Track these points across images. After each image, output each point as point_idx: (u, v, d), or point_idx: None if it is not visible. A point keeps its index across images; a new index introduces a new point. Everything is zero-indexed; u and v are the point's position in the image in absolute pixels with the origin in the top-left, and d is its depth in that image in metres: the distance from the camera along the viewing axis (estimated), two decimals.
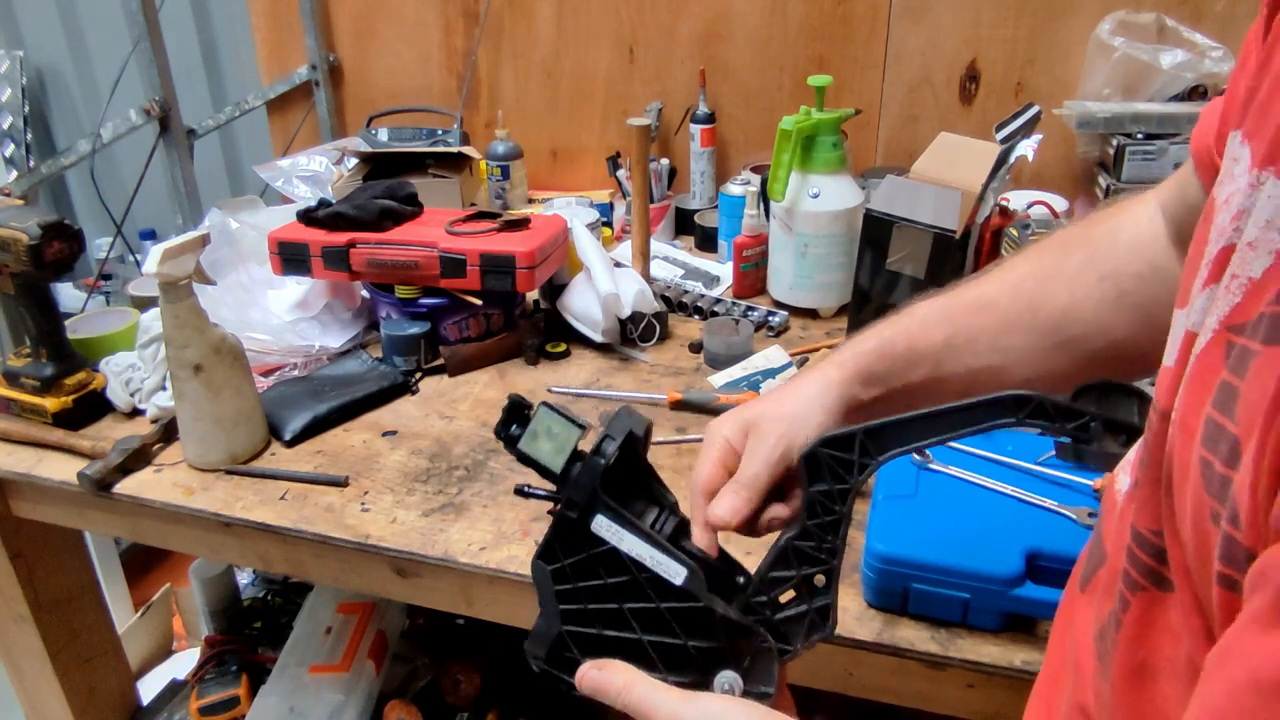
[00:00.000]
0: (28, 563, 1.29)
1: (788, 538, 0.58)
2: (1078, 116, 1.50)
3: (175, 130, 1.76)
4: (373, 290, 1.37)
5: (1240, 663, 0.31)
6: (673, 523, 0.61)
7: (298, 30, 1.99)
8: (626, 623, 0.57)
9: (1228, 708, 0.31)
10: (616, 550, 0.57)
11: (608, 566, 0.57)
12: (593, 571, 0.57)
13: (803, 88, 1.67)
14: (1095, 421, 0.59)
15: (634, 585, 0.57)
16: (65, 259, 1.14)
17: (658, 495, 0.62)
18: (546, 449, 0.58)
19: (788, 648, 0.57)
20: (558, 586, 0.58)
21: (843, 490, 0.58)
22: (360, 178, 1.70)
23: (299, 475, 1.09)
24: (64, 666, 1.37)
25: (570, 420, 0.59)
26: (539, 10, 1.85)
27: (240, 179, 2.59)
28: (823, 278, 1.40)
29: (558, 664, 0.58)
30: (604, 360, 1.34)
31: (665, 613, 0.57)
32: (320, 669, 1.47)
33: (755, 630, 0.56)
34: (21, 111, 2.52)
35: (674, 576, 0.56)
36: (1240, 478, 0.32)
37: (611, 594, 0.57)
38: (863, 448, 0.57)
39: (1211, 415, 0.35)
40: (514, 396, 0.59)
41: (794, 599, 0.58)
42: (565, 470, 0.58)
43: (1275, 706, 0.29)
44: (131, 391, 1.21)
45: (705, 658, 0.56)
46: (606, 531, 0.57)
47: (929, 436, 0.58)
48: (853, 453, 0.57)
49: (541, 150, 1.96)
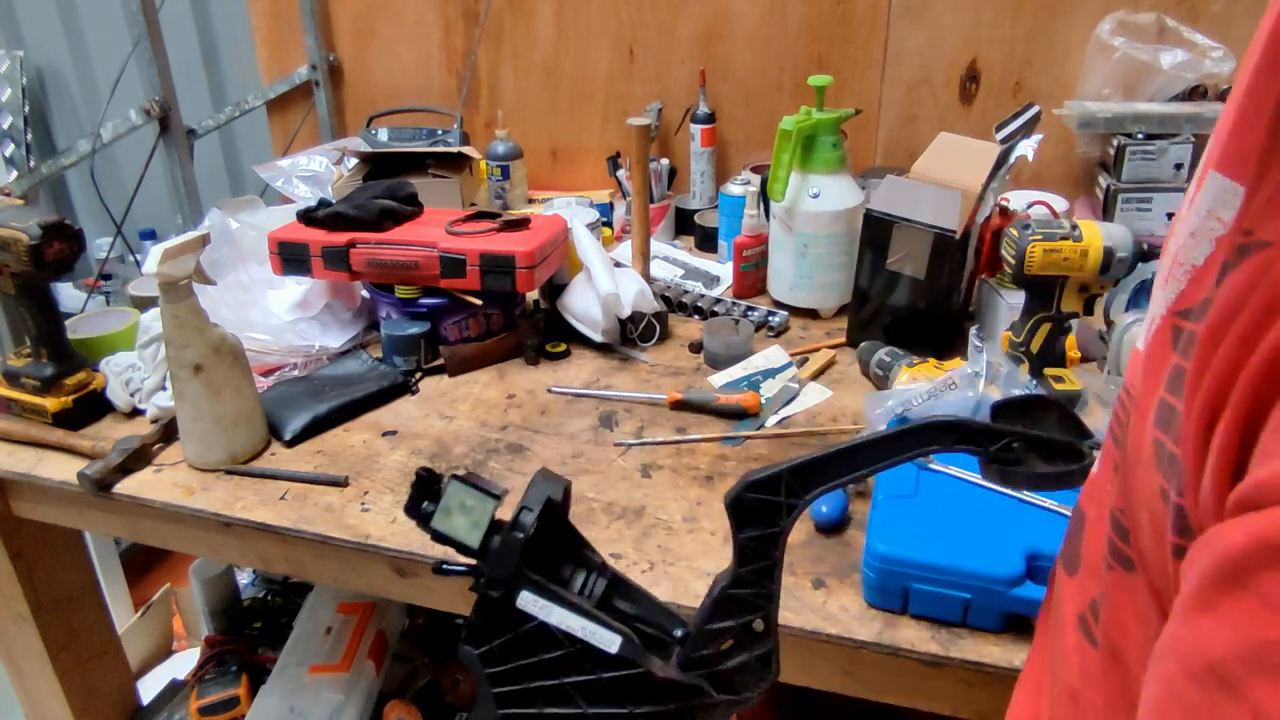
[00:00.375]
0: (28, 563, 1.29)
1: (721, 587, 0.56)
2: (1078, 116, 1.50)
3: (175, 130, 1.76)
4: (373, 290, 1.37)
5: (1172, 652, 0.31)
6: (602, 584, 0.59)
7: (298, 30, 1.99)
8: (569, 698, 0.55)
9: (1167, 702, 0.31)
10: (546, 625, 0.55)
11: (540, 642, 0.55)
12: (525, 649, 0.55)
13: (803, 88, 1.67)
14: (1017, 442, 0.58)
15: (570, 658, 0.55)
16: (65, 259, 1.14)
17: (584, 558, 0.60)
18: (462, 525, 0.56)
19: (734, 698, 0.56)
20: (490, 670, 0.55)
21: (773, 534, 0.55)
22: (360, 178, 1.71)
23: (299, 475, 1.09)
24: (64, 666, 1.37)
25: (484, 491, 0.56)
26: (539, 10, 1.85)
27: (240, 179, 2.59)
28: (823, 278, 1.40)
29: None
30: (604, 360, 1.34)
31: (606, 682, 0.55)
32: (320, 669, 1.47)
33: (699, 688, 0.55)
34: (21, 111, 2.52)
35: (608, 645, 0.54)
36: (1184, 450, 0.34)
37: (549, 669, 0.55)
38: (789, 488, 0.55)
39: (1164, 397, 0.36)
40: (420, 470, 0.57)
41: (734, 647, 0.56)
42: (484, 545, 0.55)
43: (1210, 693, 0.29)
44: (131, 391, 1.21)
45: None
46: (533, 607, 0.55)
47: (855, 470, 0.56)
48: (779, 495, 0.55)
49: (541, 150, 1.96)
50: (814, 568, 0.92)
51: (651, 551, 0.95)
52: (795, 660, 0.90)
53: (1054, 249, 1.18)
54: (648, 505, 1.02)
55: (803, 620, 0.86)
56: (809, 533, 0.97)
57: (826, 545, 0.95)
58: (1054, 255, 1.11)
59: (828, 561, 0.93)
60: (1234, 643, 0.29)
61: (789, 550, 0.94)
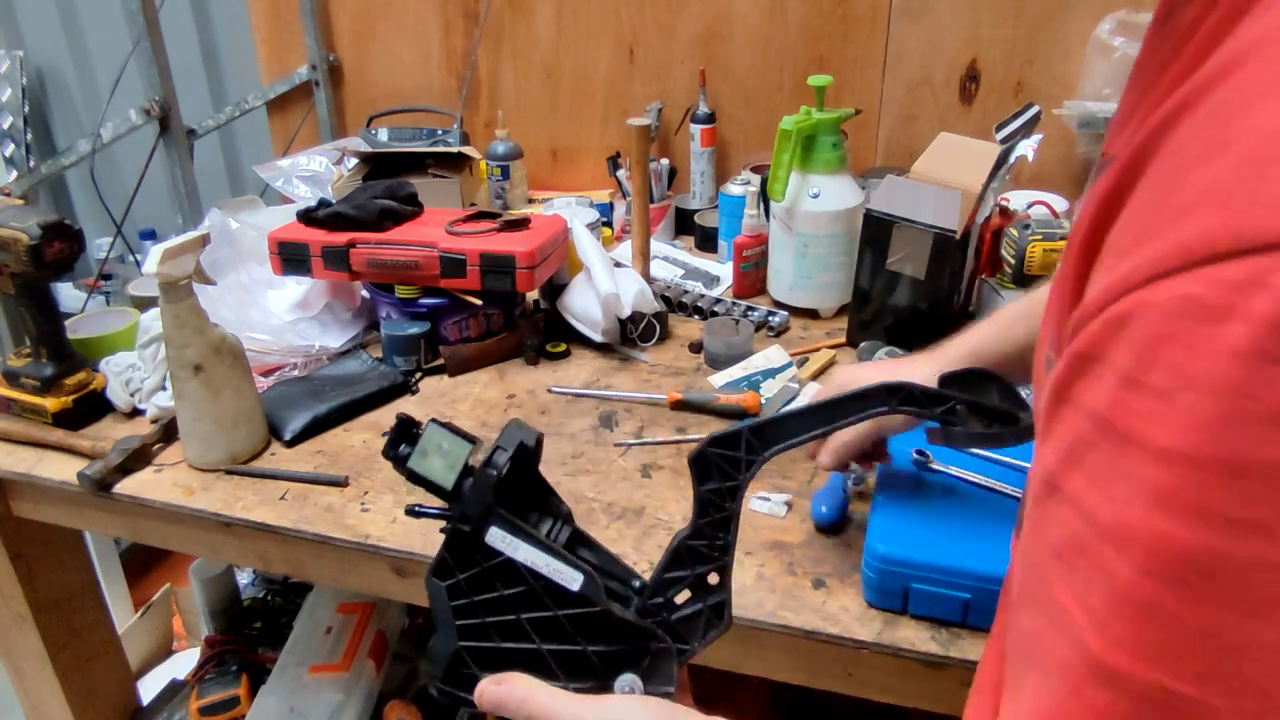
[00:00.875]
0: (28, 563, 1.29)
1: (681, 538, 0.58)
2: (1078, 116, 1.50)
3: (175, 130, 1.76)
4: (373, 290, 1.37)
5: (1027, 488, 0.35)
6: (567, 532, 0.61)
7: (298, 30, 1.99)
8: (524, 633, 0.57)
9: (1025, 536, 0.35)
10: (512, 561, 0.57)
11: (504, 578, 0.57)
12: (488, 585, 0.57)
13: (803, 88, 1.67)
14: (960, 405, 0.64)
15: (530, 595, 0.57)
16: (65, 259, 1.14)
17: (551, 507, 0.62)
18: (437, 466, 0.58)
19: (685, 647, 0.58)
20: (453, 602, 0.57)
21: (732, 487, 0.58)
22: (360, 178, 1.71)
23: (299, 475, 1.09)
24: (64, 666, 1.37)
25: (461, 435, 0.58)
26: (539, 10, 1.85)
27: (240, 179, 2.59)
28: (823, 278, 1.40)
29: (456, 682, 0.58)
30: (604, 360, 1.34)
31: (563, 620, 0.57)
32: (320, 669, 1.47)
33: (652, 632, 0.57)
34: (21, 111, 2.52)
35: (571, 582, 0.57)
36: None
37: (508, 605, 0.57)
38: (748, 445, 0.58)
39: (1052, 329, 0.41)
40: (401, 415, 0.59)
41: (690, 599, 0.59)
42: (457, 486, 0.57)
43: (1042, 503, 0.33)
44: (131, 391, 1.21)
45: (605, 662, 0.57)
46: (501, 543, 0.57)
47: (810, 430, 0.60)
48: (739, 450, 0.58)
49: (541, 150, 1.96)
50: (814, 568, 0.92)
51: (651, 551, 0.95)
52: (795, 660, 0.90)
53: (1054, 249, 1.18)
54: (648, 505, 1.02)
55: (803, 620, 0.86)
56: (809, 533, 0.97)
57: (826, 545, 0.95)
58: (1054, 255, 1.11)
59: (828, 562, 0.93)
60: (1056, 452, 0.32)
61: (789, 551, 0.94)
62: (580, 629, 0.57)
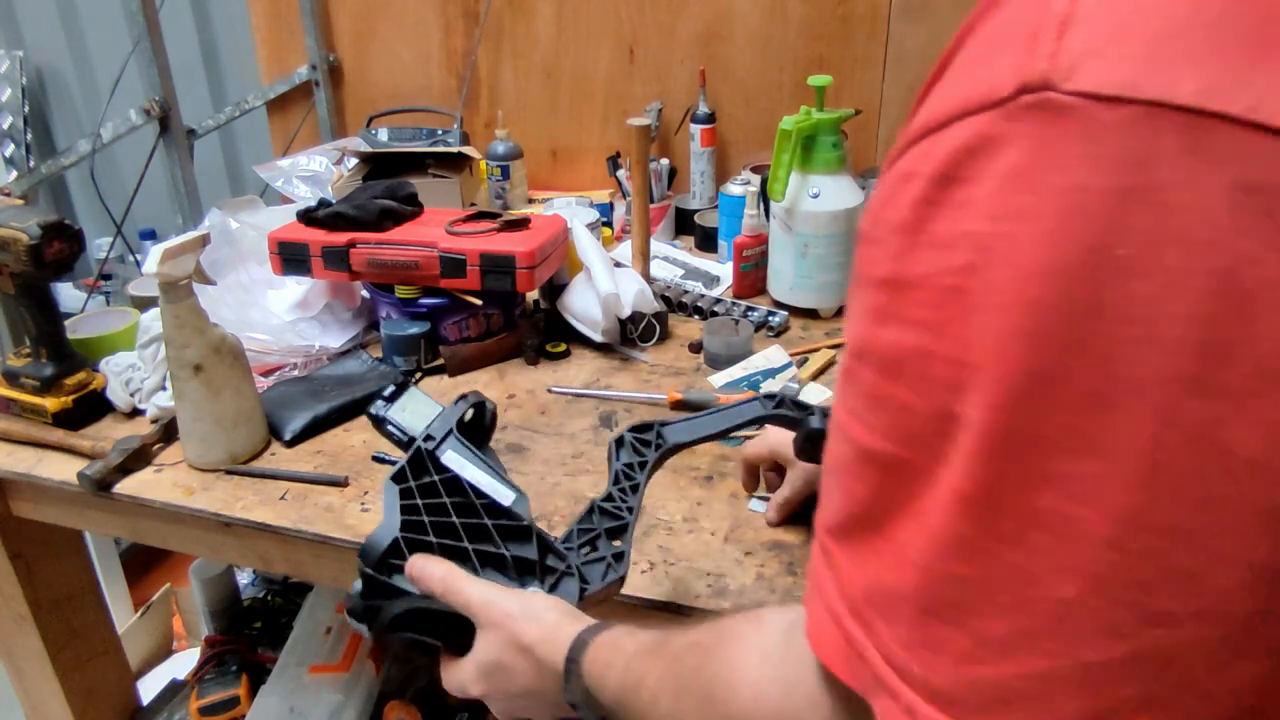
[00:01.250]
0: (28, 563, 1.29)
1: (596, 501, 0.73)
2: None
3: (175, 130, 1.76)
4: (373, 290, 1.37)
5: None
6: None
7: (298, 30, 1.99)
8: (456, 533, 0.69)
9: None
10: (459, 477, 0.70)
11: (450, 490, 0.70)
12: (434, 492, 0.70)
13: (803, 88, 1.67)
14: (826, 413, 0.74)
15: (468, 506, 0.70)
16: (65, 259, 1.14)
17: (497, 471, 0.74)
18: (409, 418, 0.76)
19: (586, 583, 0.70)
20: (402, 502, 0.69)
21: (642, 462, 0.76)
22: (360, 178, 1.71)
23: (299, 475, 1.09)
24: (64, 666, 1.37)
25: (434, 402, 0.77)
26: (539, 10, 1.85)
27: (240, 179, 2.59)
28: (823, 278, 1.40)
29: (383, 570, 0.68)
30: (604, 360, 1.34)
31: (491, 528, 0.70)
32: (320, 669, 1.47)
33: (562, 554, 0.70)
34: (21, 111, 2.52)
35: (505, 499, 0.71)
36: None
37: (447, 510, 0.70)
38: (658, 434, 0.79)
39: None
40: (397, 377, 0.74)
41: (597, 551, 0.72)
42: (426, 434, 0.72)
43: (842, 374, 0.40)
44: (131, 391, 1.21)
45: (519, 569, 0.69)
46: (453, 463, 0.71)
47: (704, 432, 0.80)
48: (651, 436, 0.78)
49: (541, 150, 1.96)
50: None
51: (652, 551, 0.95)
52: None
53: None
54: (648, 505, 1.02)
55: None
56: (809, 533, 0.96)
57: None
58: None
59: None
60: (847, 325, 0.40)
61: (789, 551, 0.94)
62: (504, 535, 0.70)
